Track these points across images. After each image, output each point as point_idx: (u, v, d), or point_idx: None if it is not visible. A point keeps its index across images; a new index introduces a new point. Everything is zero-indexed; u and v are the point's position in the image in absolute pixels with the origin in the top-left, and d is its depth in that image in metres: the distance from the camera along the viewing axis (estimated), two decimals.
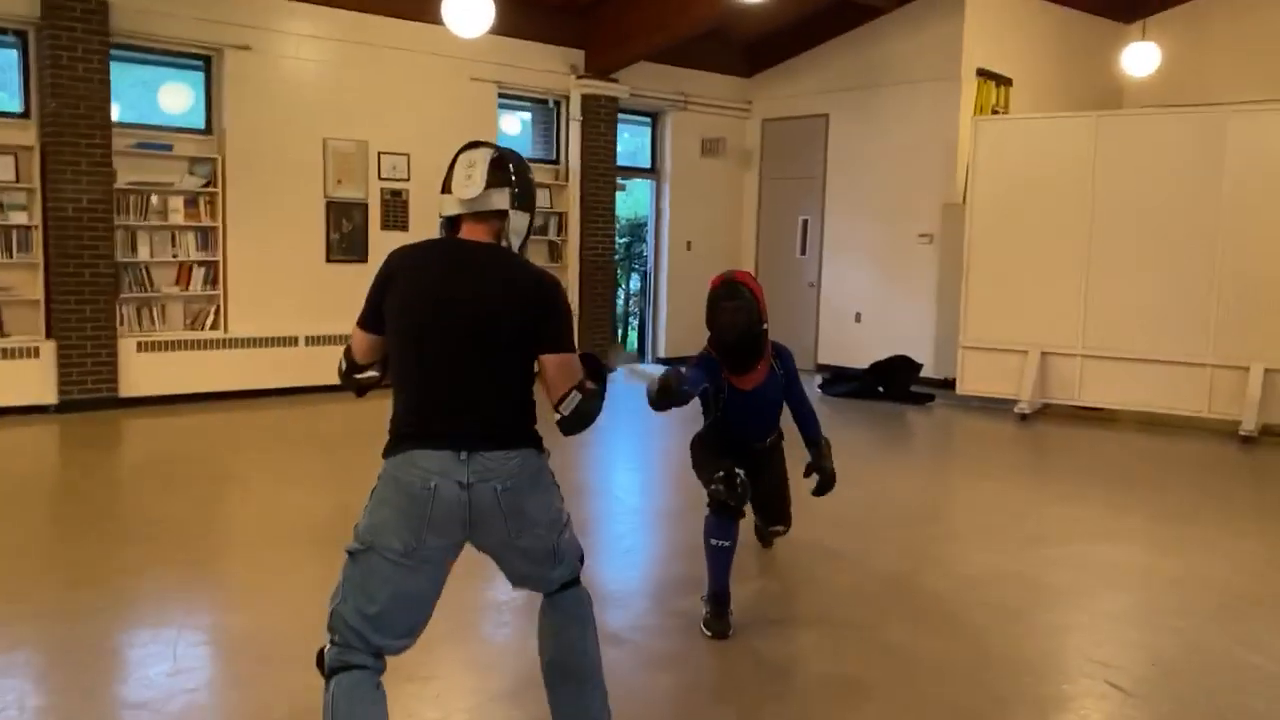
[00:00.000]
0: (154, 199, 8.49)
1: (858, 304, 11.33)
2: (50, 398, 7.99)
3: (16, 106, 8.03)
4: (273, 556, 4.87)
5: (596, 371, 2.71)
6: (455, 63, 9.74)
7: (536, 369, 2.60)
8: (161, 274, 8.62)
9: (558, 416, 2.63)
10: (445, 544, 2.52)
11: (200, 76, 8.83)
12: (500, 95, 10.35)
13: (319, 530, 5.11)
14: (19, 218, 7.90)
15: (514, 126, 11.14)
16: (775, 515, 4.59)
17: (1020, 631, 4.11)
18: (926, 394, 9.89)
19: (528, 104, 10.96)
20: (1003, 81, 10.55)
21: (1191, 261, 8.39)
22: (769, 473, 4.40)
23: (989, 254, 9.28)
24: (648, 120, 11.91)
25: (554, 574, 2.69)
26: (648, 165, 12.02)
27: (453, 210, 2.65)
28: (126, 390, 8.30)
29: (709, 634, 3.85)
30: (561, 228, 10.91)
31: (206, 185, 8.69)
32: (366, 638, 2.45)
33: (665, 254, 11.98)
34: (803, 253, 11.90)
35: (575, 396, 2.60)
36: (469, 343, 2.52)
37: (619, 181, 11.48)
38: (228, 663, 3.71)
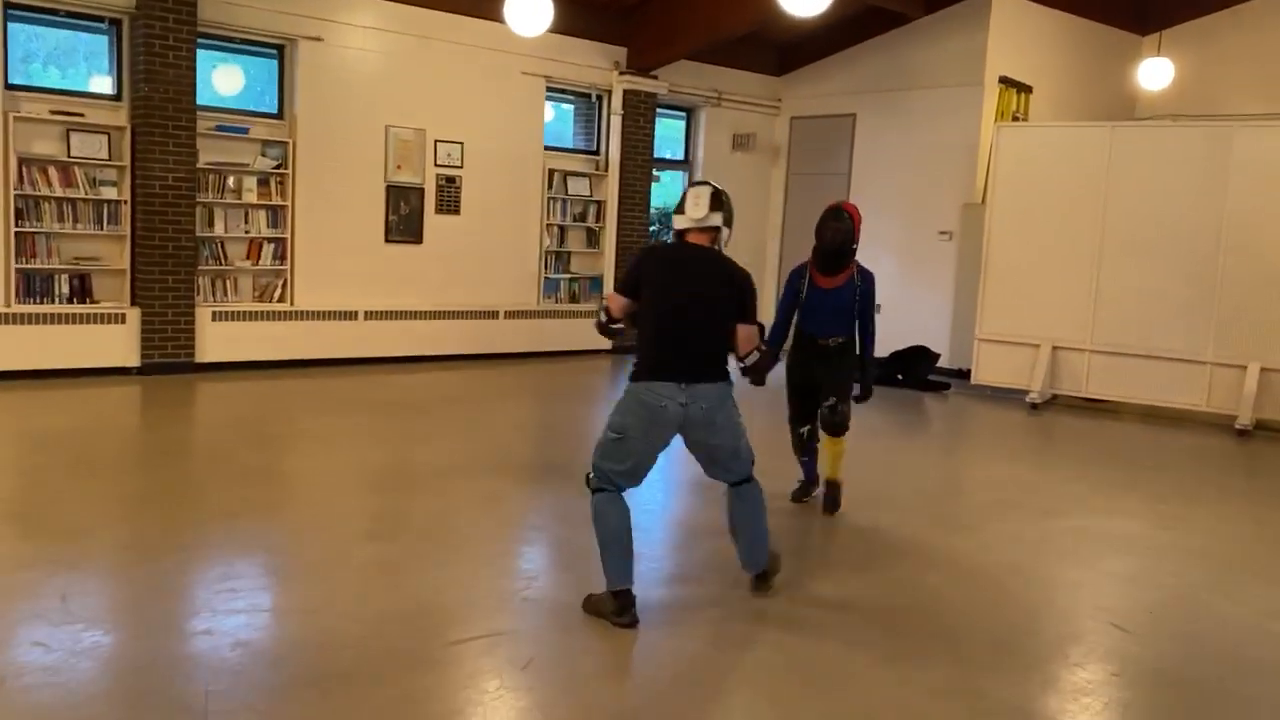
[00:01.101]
0: (230, 179, 9.11)
1: (879, 295, 11.84)
2: (134, 360, 8.63)
3: (110, 89, 8.64)
4: (323, 509, 5.51)
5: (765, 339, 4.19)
6: (508, 57, 10.34)
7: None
8: (235, 249, 9.26)
9: (742, 366, 4.04)
10: (664, 436, 3.90)
11: (275, 64, 9.43)
12: (548, 89, 10.95)
13: (375, 479, 5.77)
14: (109, 193, 8.51)
15: (550, 116, 11.74)
16: (830, 392, 5.45)
17: (1035, 584, 4.75)
18: (943, 382, 10.52)
19: (572, 97, 11.55)
20: (1024, 89, 11.14)
21: (1195, 265, 8.99)
22: (836, 373, 5.45)
23: (1006, 253, 9.88)
24: (683, 115, 12.50)
25: (736, 468, 4.05)
26: (681, 157, 12.61)
27: (685, 225, 3.99)
28: (202, 356, 8.94)
29: (825, 510, 5.51)
30: (600, 215, 11.51)
31: (278, 167, 9.30)
32: (615, 481, 3.91)
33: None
34: None
35: (755, 354, 4.03)
36: (695, 312, 3.85)
37: (654, 173, 12.07)
38: (290, 593, 4.30)
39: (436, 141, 10.17)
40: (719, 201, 3.95)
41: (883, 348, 11.02)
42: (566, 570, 4.62)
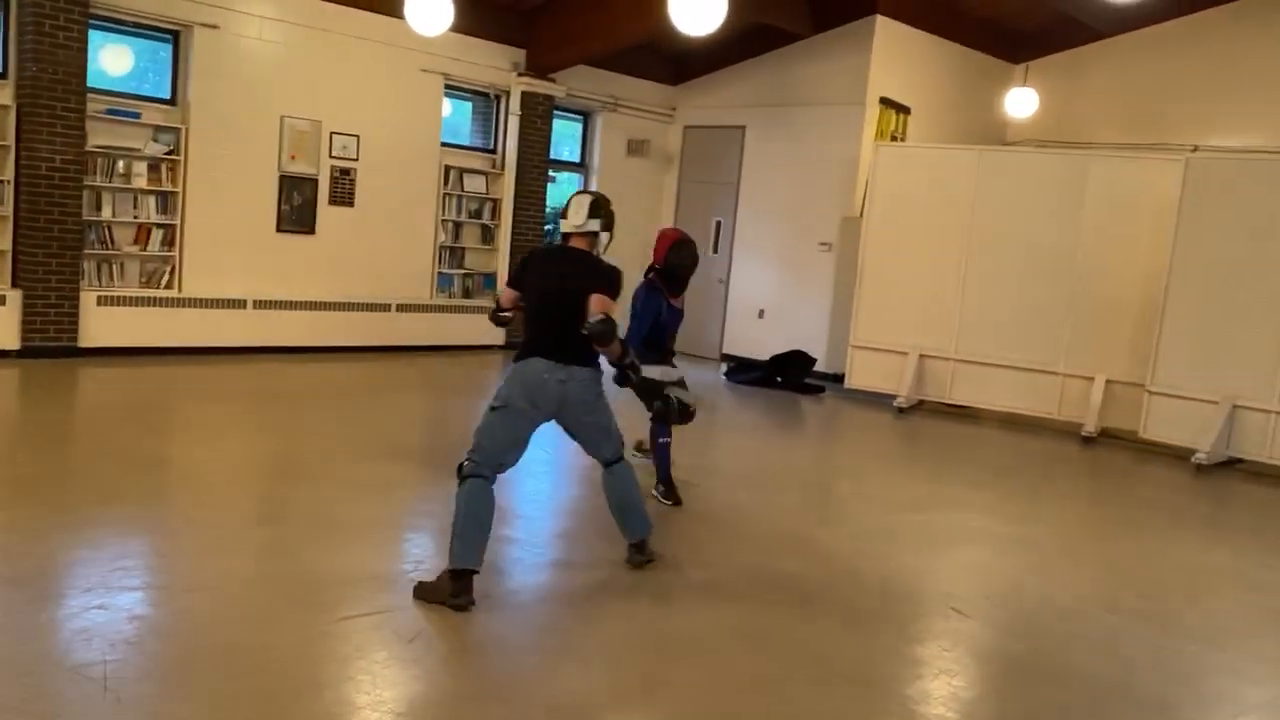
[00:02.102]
0: (120, 163, 9.03)
1: (761, 301, 12.44)
2: (13, 343, 8.49)
3: None
4: (211, 494, 5.65)
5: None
6: (407, 54, 10.46)
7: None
8: (122, 233, 9.17)
9: (587, 326, 4.29)
10: (545, 412, 4.35)
11: (169, 49, 9.37)
12: (446, 86, 11.11)
13: (263, 466, 5.92)
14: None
15: (454, 112, 11.89)
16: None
17: (886, 570, 5.19)
18: (818, 385, 11.05)
19: (471, 95, 11.72)
20: (902, 110, 11.76)
21: (1051, 283, 9.68)
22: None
23: (879, 265, 10.45)
24: (580, 118, 12.78)
25: (608, 448, 4.57)
26: (577, 160, 12.90)
27: (567, 229, 4.57)
28: (86, 341, 8.84)
29: (669, 504, 5.78)
30: (495, 213, 11.71)
31: (169, 153, 9.25)
32: (493, 463, 4.23)
33: None
34: (715, 251, 12.94)
35: (604, 320, 4.30)
36: (568, 304, 4.32)
37: (550, 174, 12.33)
38: (181, 572, 4.47)
39: (332, 133, 10.22)
40: (597, 209, 4.53)
41: (763, 351, 11.63)
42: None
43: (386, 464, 6.32)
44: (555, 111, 12.01)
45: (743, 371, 11.42)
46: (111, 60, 9.30)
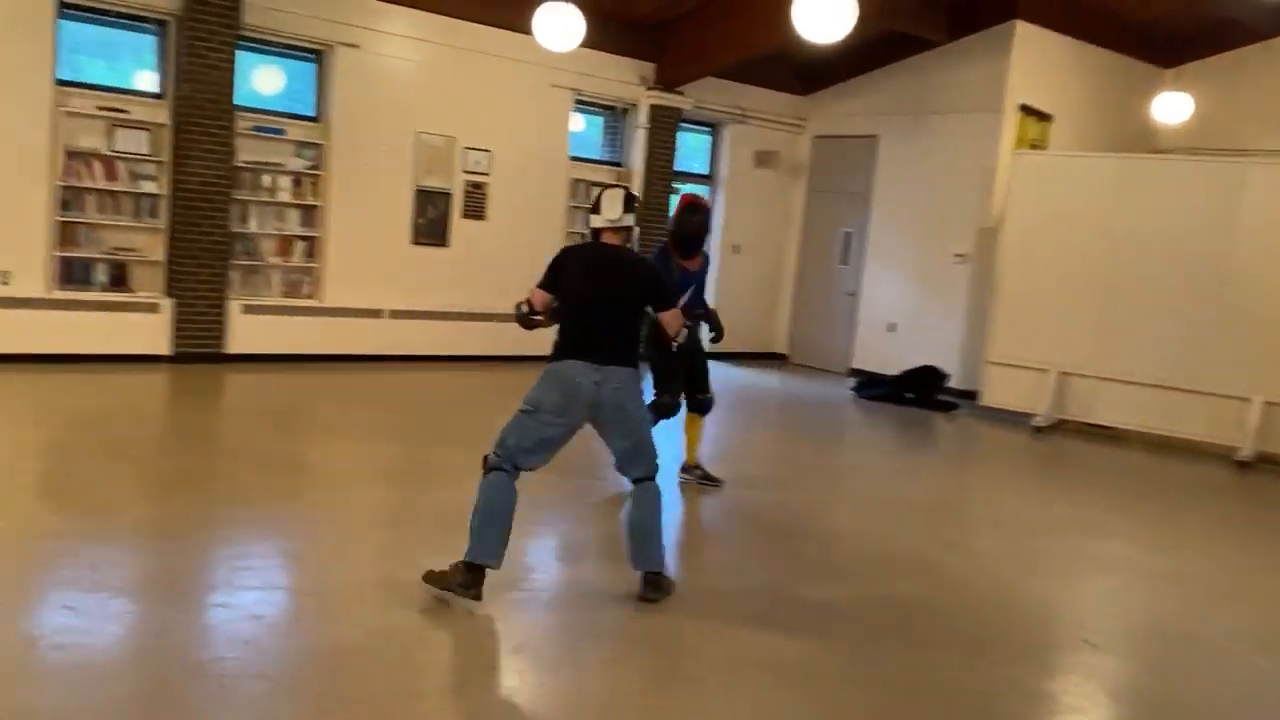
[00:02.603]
0: (265, 177, 9.44)
1: (892, 315, 12.13)
2: (166, 349, 8.96)
3: (154, 87, 8.99)
4: (341, 496, 5.77)
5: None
6: (538, 70, 10.62)
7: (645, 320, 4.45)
8: (267, 245, 9.58)
9: (674, 345, 4.52)
10: (578, 417, 4.18)
11: (313, 69, 9.76)
12: (576, 101, 11.23)
13: (391, 471, 6.03)
14: (149, 187, 8.85)
15: (581, 126, 12.00)
16: (702, 382, 6.32)
17: (1014, 597, 4.94)
18: (951, 403, 10.70)
19: (599, 109, 11.83)
20: (1044, 117, 11.31)
21: (1204, 298, 9.13)
22: (699, 344, 6.12)
23: (1017, 278, 10.05)
24: (708, 130, 12.75)
25: (641, 462, 4.30)
26: (705, 171, 12.87)
27: (600, 224, 4.42)
28: (232, 347, 9.25)
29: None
30: None
31: (312, 167, 9.62)
32: (517, 461, 4.15)
33: (714, 256, 12.77)
34: (844, 263, 12.71)
35: (684, 330, 4.47)
36: (607, 303, 4.24)
37: (676, 186, 12.32)
38: (303, 574, 4.57)
39: (465, 148, 10.46)
40: (631, 204, 4.40)
41: (893, 366, 11.33)
42: (566, 562, 4.87)
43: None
44: (682, 124, 12.01)
45: (871, 387, 11.14)
46: (260, 79, 9.73)
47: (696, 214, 6.14)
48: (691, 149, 12.88)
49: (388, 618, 3.93)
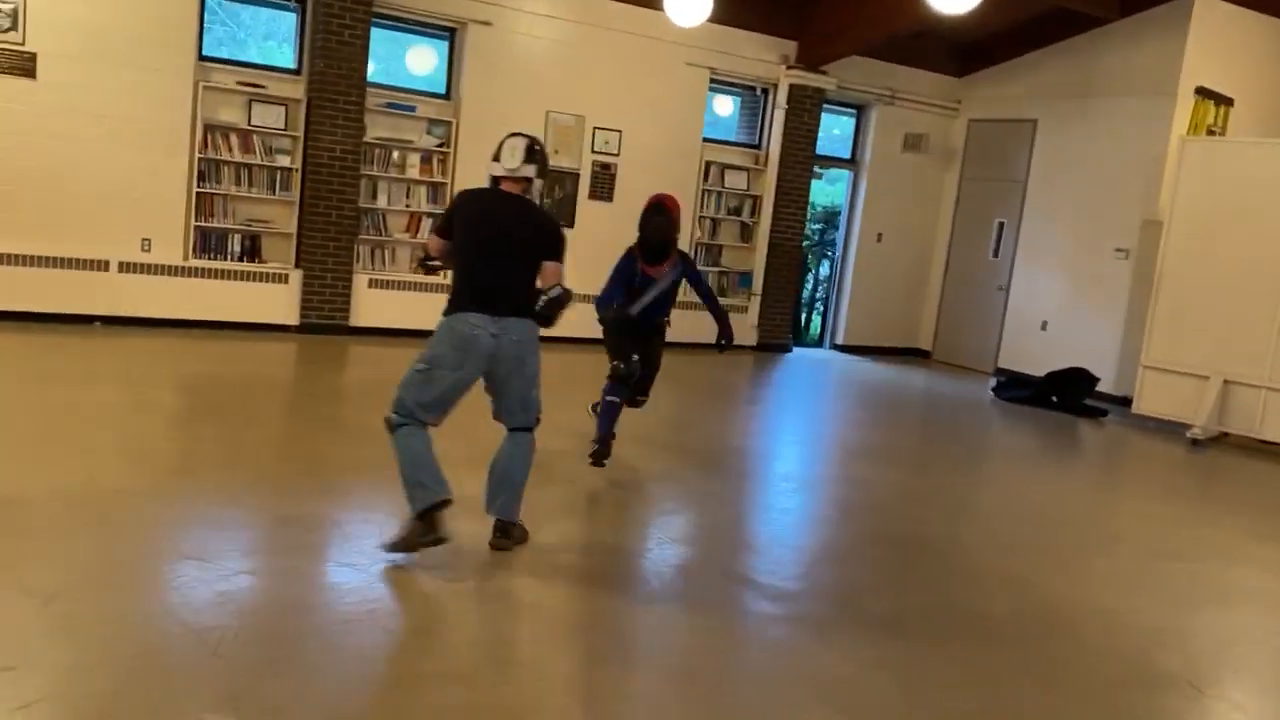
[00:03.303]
0: (395, 154, 9.57)
1: (1045, 312, 11.33)
2: (293, 319, 9.21)
3: (291, 64, 9.24)
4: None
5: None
6: (673, 48, 10.39)
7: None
8: (395, 221, 9.72)
9: (544, 297, 4.13)
10: (476, 369, 4.10)
11: (445, 46, 9.83)
12: (711, 80, 10.94)
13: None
14: (283, 160, 9.11)
15: (725, 109, 11.70)
16: (643, 387, 5.98)
17: (1118, 625, 4.41)
18: (1100, 409, 9.89)
19: (736, 90, 11.49)
20: (1223, 101, 10.29)
21: None
22: (652, 350, 5.90)
23: (1182, 275, 9.17)
24: (853, 112, 12.22)
25: (522, 414, 4.26)
26: (848, 156, 12.34)
27: (499, 173, 4.29)
28: (356, 320, 9.44)
29: (592, 463, 5.57)
30: (755, 210, 11.42)
31: (440, 145, 9.70)
32: (417, 415, 4.08)
33: (854, 244, 12.30)
34: (995, 255, 11.96)
35: (558, 289, 4.15)
36: (503, 252, 4.14)
37: (817, 170, 11.87)
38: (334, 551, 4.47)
39: (595, 128, 10.34)
40: (533, 154, 4.26)
41: (1041, 366, 10.57)
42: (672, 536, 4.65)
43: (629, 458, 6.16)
44: (825, 105, 11.53)
45: (1013, 388, 10.42)
46: (393, 56, 9.87)
47: (659, 215, 5.70)
48: (834, 132, 12.38)
49: (429, 598, 3.81)
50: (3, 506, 4.19)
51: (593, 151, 10.37)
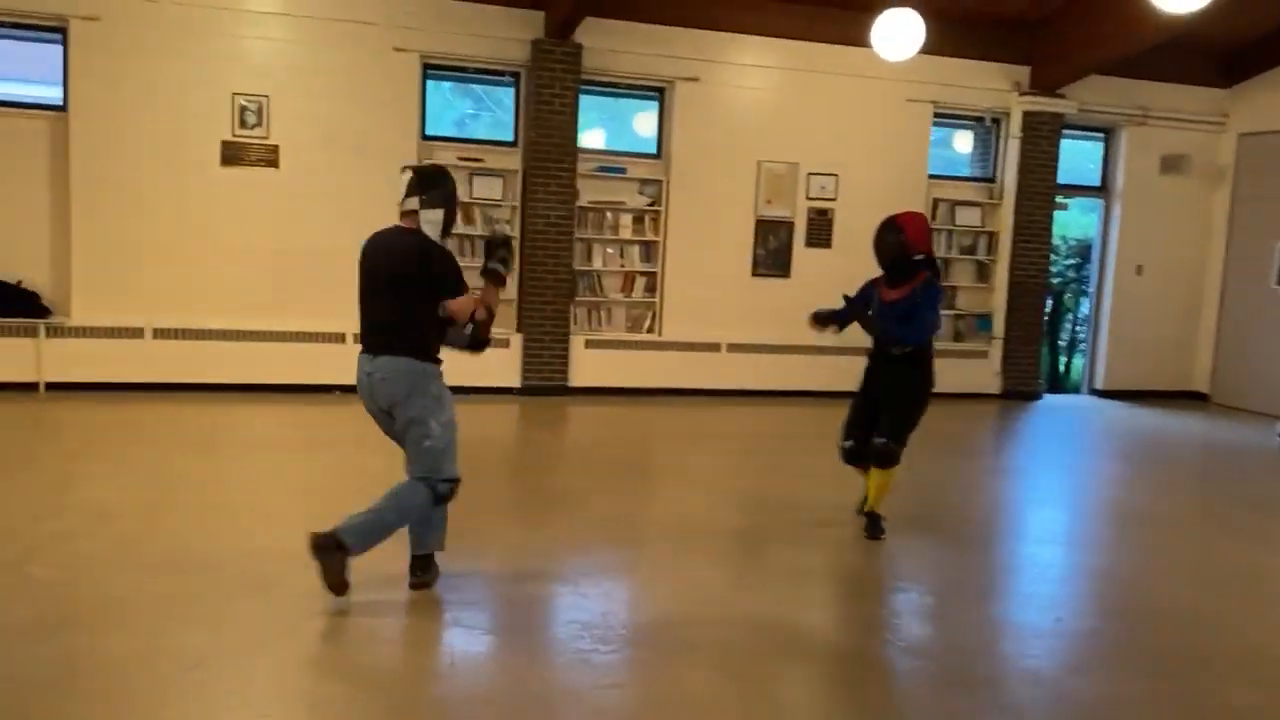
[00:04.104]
0: (608, 215, 9.67)
1: None
2: (515, 381, 9.44)
3: (509, 136, 9.58)
4: (670, 549, 5.48)
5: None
6: (891, 84, 9.94)
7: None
8: (610, 281, 9.79)
9: (467, 338, 4.26)
10: (371, 410, 4.14)
11: (655, 106, 9.89)
12: (935, 114, 10.37)
13: (734, 512, 5.69)
14: (503, 230, 9.40)
15: (955, 143, 11.07)
16: (888, 427, 5.37)
17: None
18: None
19: (964, 123, 10.84)
20: None
21: None
22: (896, 381, 5.38)
23: None
24: (1099, 135, 11.22)
25: (411, 469, 4.12)
26: (1097, 183, 11.33)
27: (400, 209, 4.20)
28: (575, 380, 9.55)
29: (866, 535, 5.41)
30: (991, 247, 10.66)
31: (652, 204, 9.71)
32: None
33: (1110, 278, 11.21)
34: (1278, 283, 10.54)
35: (470, 324, 4.19)
36: (379, 287, 4.08)
37: (1061, 200, 10.95)
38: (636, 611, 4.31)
39: (809, 174, 10.03)
40: (418, 185, 4.12)
41: None
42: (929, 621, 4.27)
43: (847, 526, 5.77)
44: (1066, 130, 10.64)
45: None
46: (600, 122, 10.03)
47: (889, 233, 5.38)
48: (1079, 158, 11.42)
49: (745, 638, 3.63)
50: (200, 568, 4.39)
51: (807, 198, 10.05)
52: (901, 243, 5.33)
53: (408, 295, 4.03)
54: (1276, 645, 4.36)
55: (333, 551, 3.93)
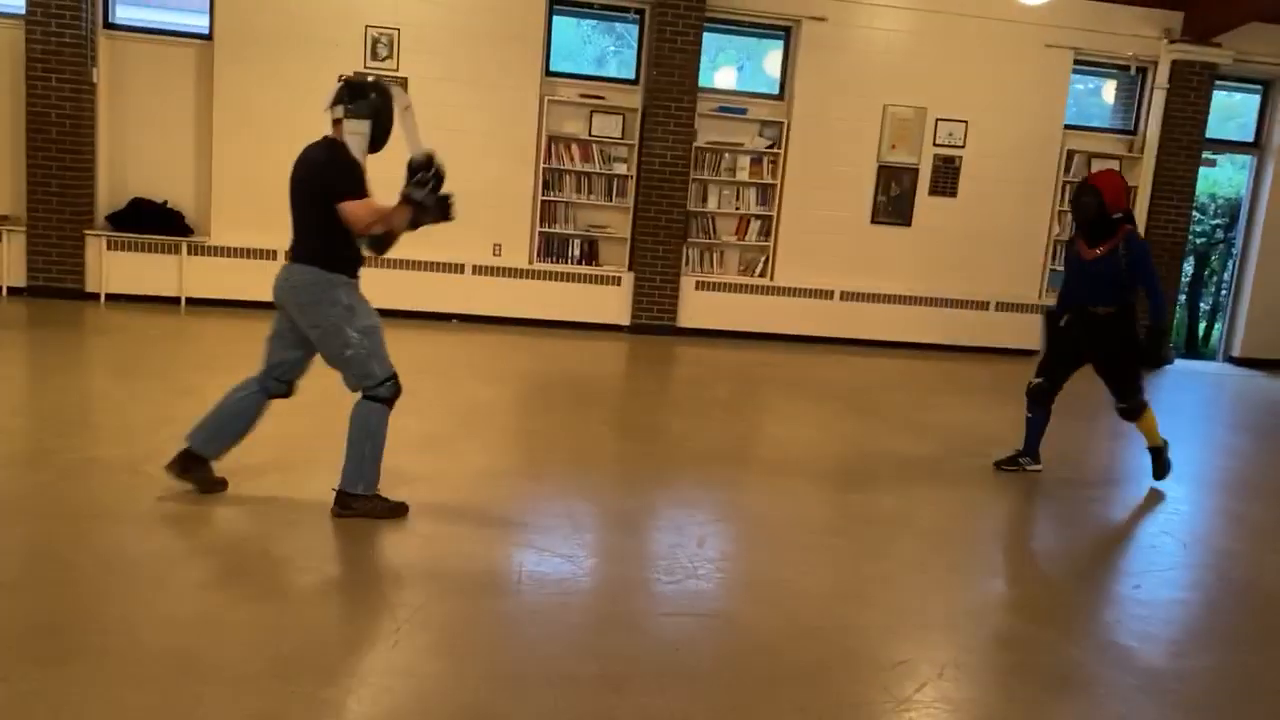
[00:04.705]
0: (726, 157, 9.63)
1: None
2: (625, 319, 9.57)
3: (630, 74, 9.59)
4: (762, 478, 5.55)
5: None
6: (1030, 29, 9.55)
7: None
8: (723, 224, 9.78)
9: (366, 241, 4.14)
10: (280, 318, 4.16)
11: (780, 46, 9.73)
12: (1076, 61, 9.91)
13: (833, 464, 5.72)
14: (620, 168, 9.49)
15: (1108, 95, 10.56)
16: (1115, 390, 5.55)
17: None
18: None
19: (1107, 71, 10.31)
20: None
21: None
22: (1105, 343, 5.42)
23: None
24: (1257, 88, 10.53)
25: (346, 382, 4.09)
26: (1250, 139, 10.65)
27: (330, 117, 4.08)
28: (683, 321, 9.63)
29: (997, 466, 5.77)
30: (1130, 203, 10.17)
31: (771, 147, 9.61)
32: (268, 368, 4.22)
33: (1257, 240, 10.59)
34: None
35: (377, 226, 4.05)
36: (292, 198, 4.07)
37: (1209, 156, 10.36)
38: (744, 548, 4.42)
39: (938, 120, 9.75)
40: (346, 94, 4.03)
41: None
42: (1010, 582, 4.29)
43: (942, 481, 5.75)
44: (1219, 82, 10.03)
45: None
46: (725, 61, 9.93)
47: (1085, 195, 5.35)
48: (1234, 111, 10.75)
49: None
50: (306, 467, 4.68)
51: (934, 145, 9.78)
52: (1100, 204, 5.32)
53: (307, 203, 4.04)
54: None
55: (350, 506, 4.12)
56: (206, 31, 8.87)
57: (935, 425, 7.21)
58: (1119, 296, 5.36)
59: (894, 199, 9.81)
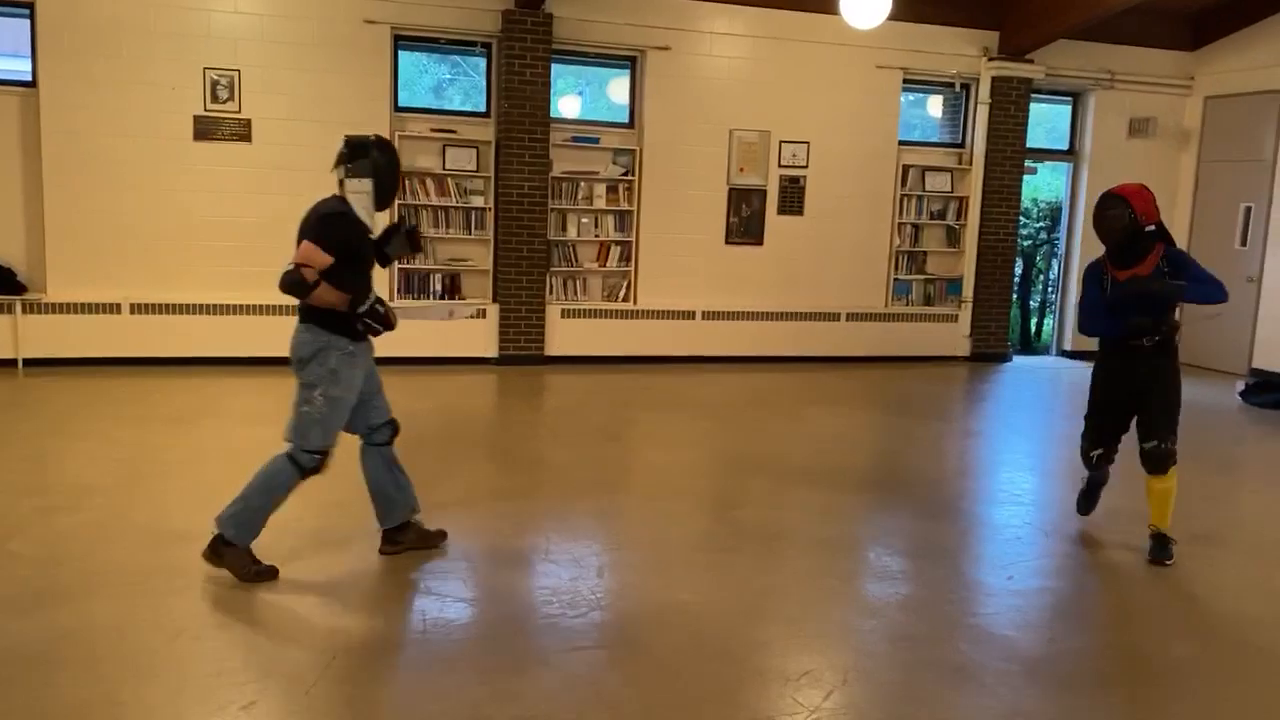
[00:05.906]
0: (582, 185, 9.75)
1: None
2: (492, 352, 9.55)
3: (481, 107, 9.62)
4: (634, 501, 5.64)
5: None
6: (861, 51, 10.03)
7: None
8: (585, 251, 9.89)
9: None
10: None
11: (626, 75, 9.93)
12: (905, 80, 10.46)
13: (704, 475, 5.83)
14: (477, 200, 9.48)
15: (914, 107, 11.17)
16: (1148, 422, 4.84)
17: None
18: None
19: (933, 89, 10.93)
20: None
21: None
22: (1153, 379, 4.79)
23: None
24: (1067, 100, 11.34)
25: (285, 430, 4.12)
26: (1065, 147, 11.47)
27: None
28: (551, 350, 9.67)
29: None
30: (961, 212, 10.80)
31: (625, 174, 9.79)
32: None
33: (1078, 240, 11.38)
34: (1243, 244, 10.74)
35: (289, 265, 3.96)
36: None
37: (1030, 164, 11.09)
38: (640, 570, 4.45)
39: (781, 142, 10.12)
40: (346, 155, 4.08)
41: None
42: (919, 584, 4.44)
43: (819, 489, 5.93)
44: (1034, 95, 10.76)
45: (1266, 391, 9.28)
46: (571, 91, 10.06)
47: (1111, 208, 4.76)
48: (1049, 123, 11.54)
49: (719, 621, 3.78)
50: (180, 540, 4.51)
51: (780, 166, 10.15)
52: (1130, 216, 4.71)
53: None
54: (1214, 599, 4.56)
55: (222, 551, 4.06)
56: (29, 78, 8.44)
57: (804, 435, 7.48)
58: (1162, 321, 4.75)
59: (746, 220, 10.13)
